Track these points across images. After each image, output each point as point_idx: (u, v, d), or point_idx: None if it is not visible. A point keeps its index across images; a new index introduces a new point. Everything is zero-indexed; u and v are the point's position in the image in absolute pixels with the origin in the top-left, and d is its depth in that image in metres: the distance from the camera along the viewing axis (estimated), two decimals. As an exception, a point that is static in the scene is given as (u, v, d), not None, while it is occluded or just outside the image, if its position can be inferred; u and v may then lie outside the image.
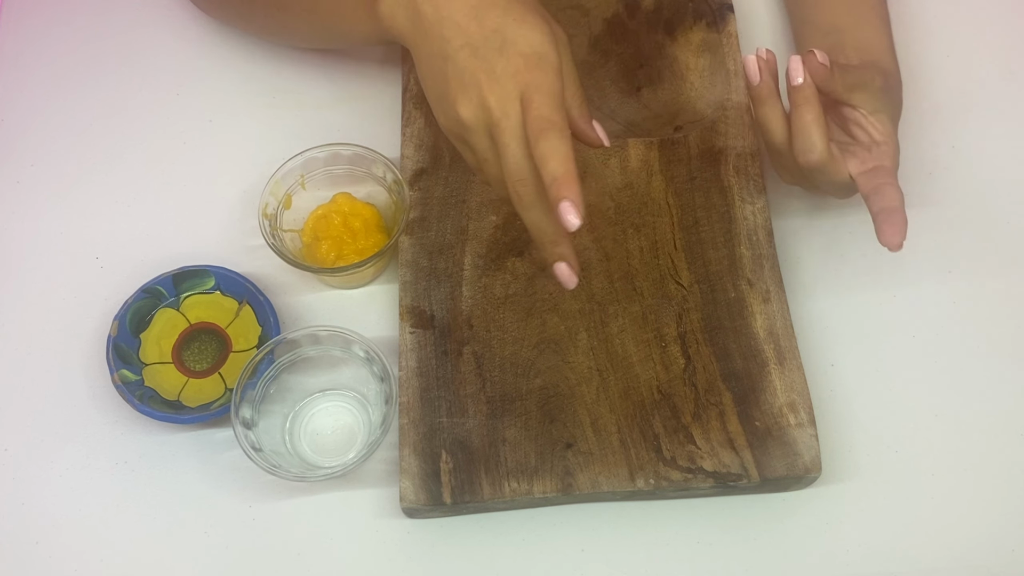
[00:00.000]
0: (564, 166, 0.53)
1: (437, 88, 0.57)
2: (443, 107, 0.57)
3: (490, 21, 0.56)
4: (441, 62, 0.57)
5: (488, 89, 0.55)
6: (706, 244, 0.68)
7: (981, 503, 0.64)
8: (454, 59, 0.56)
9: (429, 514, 0.63)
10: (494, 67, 0.55)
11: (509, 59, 0.55)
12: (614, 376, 0.64)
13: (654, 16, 0.77)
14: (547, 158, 0.53)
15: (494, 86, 0.55)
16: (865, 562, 0.63)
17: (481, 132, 0.56)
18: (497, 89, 0.55)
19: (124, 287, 0.68)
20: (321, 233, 0.69)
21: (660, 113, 0.74)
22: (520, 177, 0.55)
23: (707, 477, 0.61)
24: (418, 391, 0.64)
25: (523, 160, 0.55)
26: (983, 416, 0.66)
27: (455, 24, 0.56)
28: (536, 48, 0.55)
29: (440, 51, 0.56)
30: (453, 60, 0.56)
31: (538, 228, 0.56)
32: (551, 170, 0.53)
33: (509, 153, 0.55)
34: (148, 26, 0.80)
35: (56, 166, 0.76)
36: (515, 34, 0.55)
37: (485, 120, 0.55)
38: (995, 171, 0.74)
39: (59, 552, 0.64)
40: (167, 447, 0.66)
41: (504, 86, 0.55)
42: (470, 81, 0.55)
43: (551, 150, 0.53)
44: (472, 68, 0.55)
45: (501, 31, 0.55)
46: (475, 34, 0.56)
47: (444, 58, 0.56)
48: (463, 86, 0.56)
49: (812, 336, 0.68)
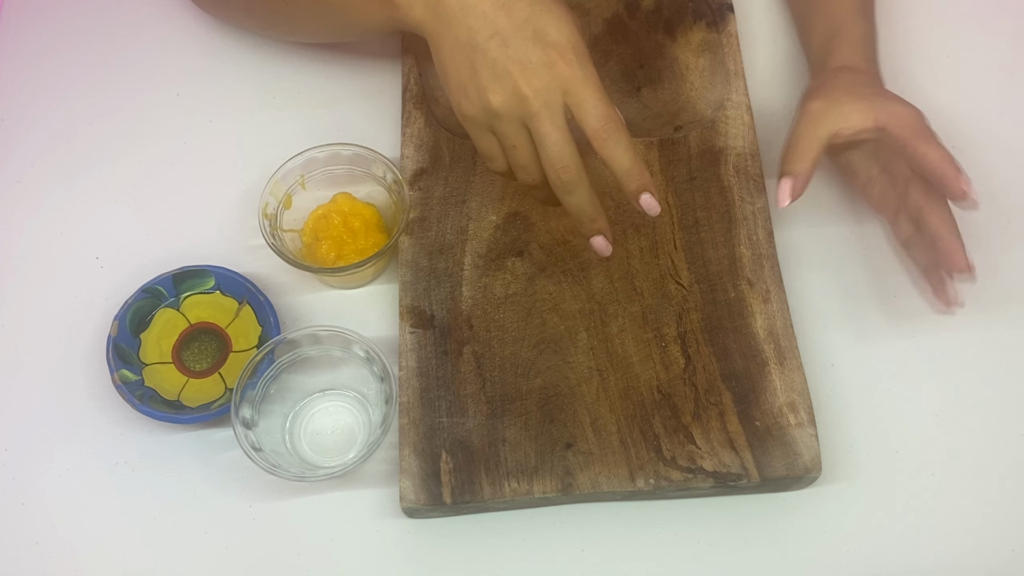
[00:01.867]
0: (635, 161, 0.58)
1: (460, 76, 0.58)
2: (468, 95, 0.58)
3: (519, 11, 0.57)
4: (468, 50, 0.57)
5: (524, 80, 0.56)
6: (706, 244, 0.68)
7: (981, 503, 0.64)
8: (483, 48, 0.57)
9: (429, 514, 0.63)
10: (528, 57, 0.56)
11: (543, 50, 0.56)
12: (614, 376, 0.64)
13: (654, 16, 0.77)
14: (617, 157, 0.57)
15: (531, 77, 0.56)
16: (865, 562, 0.63)
17: (513, 120, 0.57)
18: (535, 80, 0.56)
19: (124, 287, 0.68)
20: (321, 233, 0.69)
21: (660, 113, 0.74)
22: (564, 164, 0.57)
23: (707, 477, 0.61)
24: (418, 391, 0.64)
25: (566, 147, 0.57)
26: (983, 416, 0.66)
27: (481, 14, 0.57)
28: (569, 38, 0.57)
29: (467, 40, 0.57)
30: (482, 49, 0.57)
31: (579, 209, 0.59)
32: (626, 166, 0.58)
33: (551, 141, 0.57)
34: (148, 26, 0.80)
35: (56, 166, 0.76)
36: (546, 24, 0.57)
37: (520, 110, 0.57)
38: (995, 171, 0.74)
39: (59, 552, 0.64)
40: (167, 447, 0.66)
41: (542, 77, 0.56)
42: (502, 71, 0.56)
43: (620, 148, 0.57)
44: (504, 58, 0.56)
45: (531, 21, 0.57)
46: (504, 25, 0.57)
47: (471, 47, 0.57)
48: (495, 76, 0.57)
49: (812, 336, 0.68)
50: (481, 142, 0.60)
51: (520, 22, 0.57)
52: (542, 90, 0.56)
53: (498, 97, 0.57)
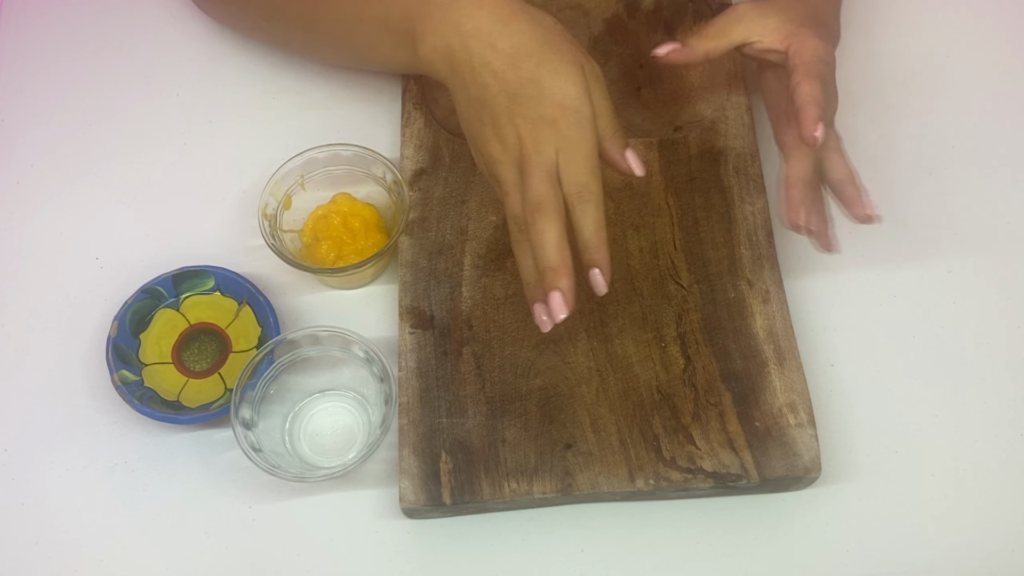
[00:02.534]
0: (596, 234, 0.57)
1: (474, 128, 0.60)
2: (478, 148, 0.61)
3: (526, 71, 0.58)
4: (479, 106, 0.59)
5: (524, 128, 0.58)
6: (706, 244, 0.68)
7: (981, 503, 0.64)
8: (491, 104, 0.59)
9: (429, 514, 0.63)
10: (530, 112, 0.58)
11: (546, 108, 0.58)
12: (614, 376, 0.64)
13: (654, 16, 0.77)
14: (581, 226, 0.58)
15: (529, 127, 0.58)
16: (865, 562, 0.63)
17: (510, 164, 0.59)
18: (533, 131, 0.58)
19: (124, 287, 0.68)
20: (321, 233, 0.69)
21: (660, 113, 0.74)
22: (538, 203, 0.57)
23: (707, 477, 0.61)
24: (418, 391, 0.64)
25: (549, 190, 0.57)
26: (983, 416, 0.66)
27: (492, 72, 0.59)
28: (571, 100, 0.58)
29: (479, 97, 0.59)
30: (490, 105, 0.59)
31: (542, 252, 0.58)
32: (586, 236, 0.58)
33: (535, 182, 0.57)
34: (148, 26, 0.80)
35: (56, 166, 0.76)
36: (551, 85, 0.58)
37: (516, 154, 0.58)
38: (995, 171, 0.74)
39: (59, 552, 0.64)
40: (167, 447, 0.66)
41: (540, 130, 0.58)
42: (506, 121, 0.58)
43: (587, 218, 0.57)
44: (509, 110, 0.58)
45: (537, 81, 0.58)
46: (512, 82, 0.58)
47: (482, 103, 0.59)
48: (497, 125, 0.59)
49: (812, 336, 0.68)
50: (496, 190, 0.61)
51: (526, 80, 0.58)
52: (539, 142, 0.58)
53: (497, 144, 0.59)
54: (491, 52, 0.59)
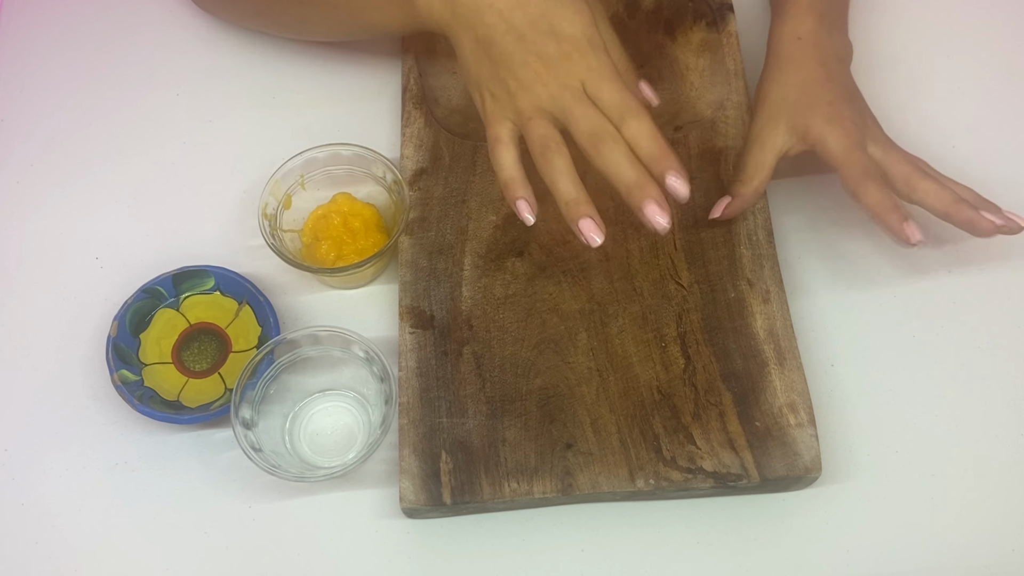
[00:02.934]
0: (656, 143, 0.58)
1: (481, 72, 0.60)
2: (488, 88, 0.60)
3: (533, 7, 0.58)
4: (486, 47, 0.59)
5: (544, 70, 0.58)
6: (706, 244, 0.68)
7: (981, 503, 0.64)
8: (501, 44, 0.58)
9: (429, 514, 0.63)
10: (545, 50, 0.58)
11: (559, 43, 0.58)
12: (614, 376, 0.64)
13: (654, 16, 0.77)
14: (639, 139, 0.58)
15: (550, 67, 0.58)
16: (865, 562, 0.63)
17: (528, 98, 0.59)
18: (553, 69, 0.58)
19: (124, 287, 0.68)
20: (321, 233, 0.69)
21: (660, 113, 0.73)
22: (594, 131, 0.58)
23: (707, 477, 0.61)
24: (418, 391, 0.64)
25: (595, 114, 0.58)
26: (983, 416, 0.66)
27: (497, 11, 0.59)
28: (583, 31, 0.58)
29: (485, 37, 0.59)
30: (499, 45, 0.59)
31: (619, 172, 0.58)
32: (649, 149, 0.58)
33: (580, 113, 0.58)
34: (148, 26, 0.81)
35: (56, 166, 0.76)
36: (560, 18, 0.58)
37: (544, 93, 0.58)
38: (995, 171, 0.73)
39: (59, 552, 0.64)
40: (167, 447, 0.66)
41: (560, 67, 0.58)
42: (521, 63, 0.58)
43: (641, 131, 0.58)
44: (522, 52, 0.58)
45: (546, 16, 0.58)
46: (520, 20, 0.58)
47: (489, 43, 0.59)
48: (513, 67, 0.58)
49: (812, 336, 0.68)
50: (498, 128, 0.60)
51: (535, 17, 0.58)
52: (561, 76, 0.58)
53: (517, 84, 0.59)
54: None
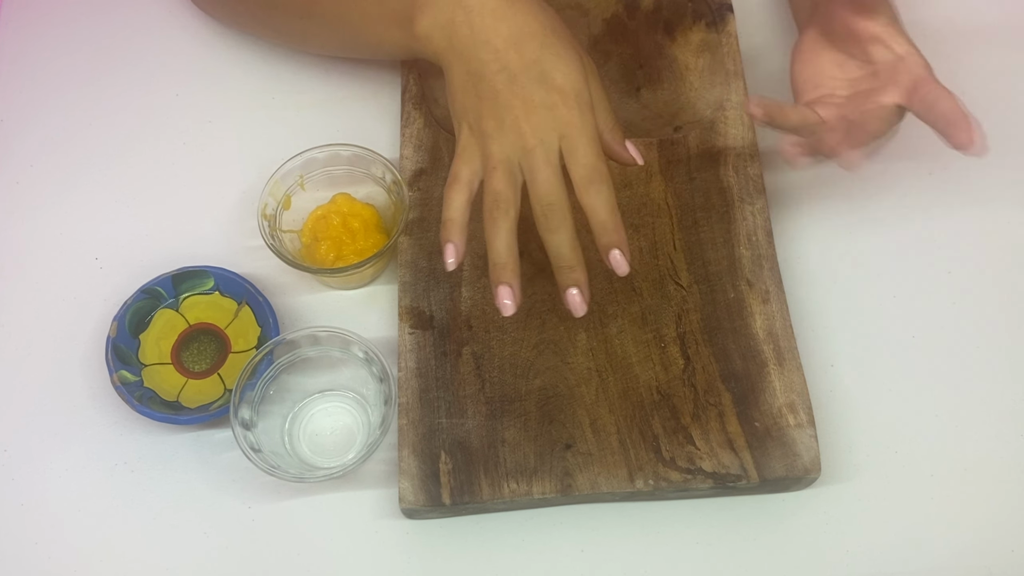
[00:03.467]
0: (612, 216, 0.58)
1: (466, 103, 0.60)
2: (467, 119, 0.60)
3: (529, 52, 0.58)
4: (476, 80, 0.59)
5: (524, 116, 0.58)
6: (705, 245, 0.68)
7: (981, 503, 0.64)
8: (491, 81, 0.58)
9: (428, 515, 0.63)
10: (532, 96, 0.58)
11: (547, 92, 0.58)
12: (613, 377, 0.64)
13: (653, 16, 0.77)
14: (596, 208, 0.57)
15: (531, 115, 0.58)
16: (865, 562, 0.63)
17: (504, 147, 0.58)
18: (534, 118, 0.58)
19: (124, 288, 0.68)
20: (320, 234, 0.69)
21: (660, 113, 0.74)
22: (550, 201, 0.57)
23: (706, 478, 0.61)
24: (417, 392, 0.64)
25: (556, 185, 0.57)
26: (983, 416, 0.66)
27: (494, 49, 0.58)
28: (573, 84, 0.58)
29: (476, 71, 0.59)
30: (489, 82, 0.58)
31: (558, 251, 0.58)
32: (602, 217, 0.57)
33: (542, 178, 0.57)
34: (148, 26, 0.81)
35: (56, 166, 0.76)
36: (553, 68, 0.58)
37: (515, 143, 0.58)
38: (995, 171, 0.73)
39: (59, 552, 0.64)
40: (166, 448, 0.66)
41: (542, 116, 0.58)
42: (505, 105, 0.58)
43: (600, 200, 0.57)
44: (508, 94, 0.58)
45: (540, 63, 0.58)
46: (513, 62, 0.58)
47: (479, 77, 0.59)
48: (496, 107, 0.58)
49: (812, 336, 0.68)
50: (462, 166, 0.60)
51: (529, 62, 0.58)
52: (539, 128, 0.58)
53: (495, 126, 0.58)
54: (494, 30, 0.58)
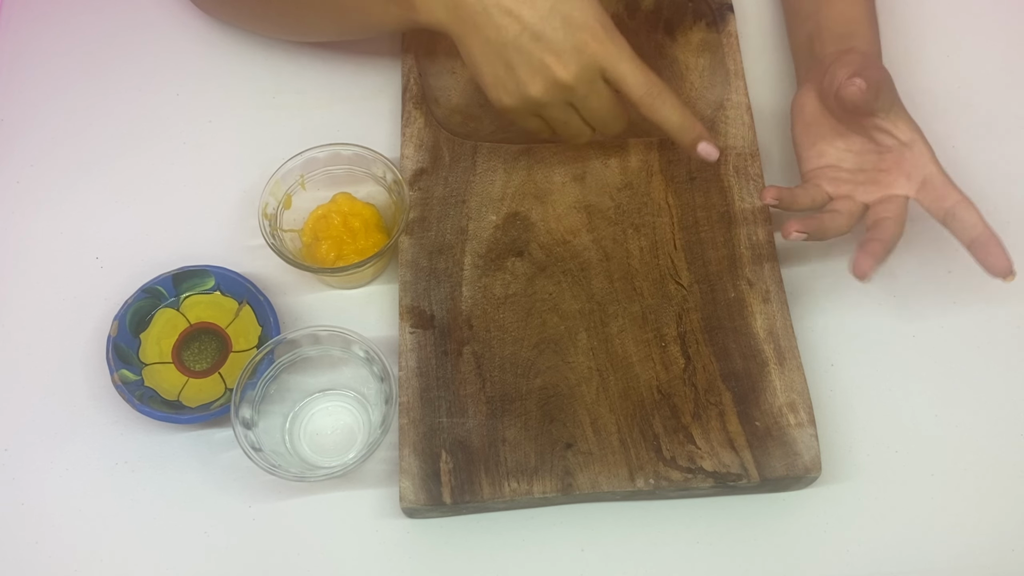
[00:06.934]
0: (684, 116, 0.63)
1: (496, 73, 0.61)
2: (507, 89, 0.61)
3: (540, 3, 0.59)
4: (500, 48, 0.60)
5: (561, 68, 0.60)
6: (706, 244, 0.68)
7: (981, 503, 0.64)
8: (516, 45, 0.59)
9: (429, 514, 0.63)
10: (560, 46, 0.59)
11: (573, 34, 0.59)
12: (614, 376, 0.64)
13: (654, 16, 0.77)
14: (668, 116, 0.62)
15: (568, 64, 0.59)
16: (865, 562, 0.63)
17: (557, 104, 0.61)
18: (572, 66, 0.60)
19: (124, 287, 0.68)
20: (321, 233, 0.69)
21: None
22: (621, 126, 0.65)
23: (707, 477, 0.61)
24: (418, 391, 0.64)
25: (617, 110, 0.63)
26: (983, 416, 0.66)
27: (505, 11, 0.59)
28: (593, 15, 0.60)
29: (497, 39, 0.59)
30: (515, 46, 0.59)
31: (669, 122, 0.63)
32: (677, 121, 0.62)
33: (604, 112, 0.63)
34: (148, 26, 0.81)
35: (56, 166, 0.76)
36: (569, 9, 0.59)
37: (563, 95, 0.61)
38: (995, 171, 0.74)
39: (59, 552, 0.64)
40: (167, 447, 0.66)
41: (577, 61, 0.59)
42: (539, 64, 0.59)
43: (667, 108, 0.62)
44: (538, 52, 0.59)
45: (556, 9, 0.59)
46: (530, 18, 0.59)
47: (503, 45, 0.59)
48: (533, 70, 0.60)
49: (812, 336, 0.68)
50: (528, 124, 0.64)
51: (545, 13, 0.59)
52: (581, 73, 0.59)
53: (539, 88, 0.60)
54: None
